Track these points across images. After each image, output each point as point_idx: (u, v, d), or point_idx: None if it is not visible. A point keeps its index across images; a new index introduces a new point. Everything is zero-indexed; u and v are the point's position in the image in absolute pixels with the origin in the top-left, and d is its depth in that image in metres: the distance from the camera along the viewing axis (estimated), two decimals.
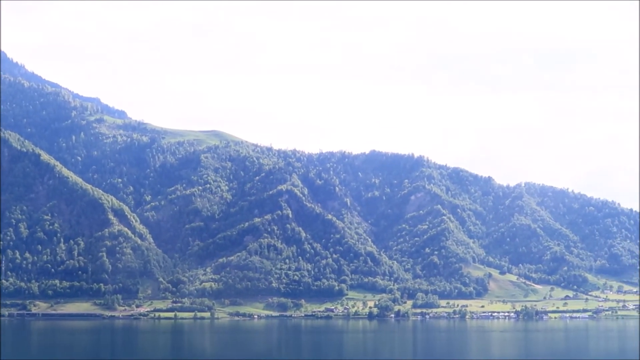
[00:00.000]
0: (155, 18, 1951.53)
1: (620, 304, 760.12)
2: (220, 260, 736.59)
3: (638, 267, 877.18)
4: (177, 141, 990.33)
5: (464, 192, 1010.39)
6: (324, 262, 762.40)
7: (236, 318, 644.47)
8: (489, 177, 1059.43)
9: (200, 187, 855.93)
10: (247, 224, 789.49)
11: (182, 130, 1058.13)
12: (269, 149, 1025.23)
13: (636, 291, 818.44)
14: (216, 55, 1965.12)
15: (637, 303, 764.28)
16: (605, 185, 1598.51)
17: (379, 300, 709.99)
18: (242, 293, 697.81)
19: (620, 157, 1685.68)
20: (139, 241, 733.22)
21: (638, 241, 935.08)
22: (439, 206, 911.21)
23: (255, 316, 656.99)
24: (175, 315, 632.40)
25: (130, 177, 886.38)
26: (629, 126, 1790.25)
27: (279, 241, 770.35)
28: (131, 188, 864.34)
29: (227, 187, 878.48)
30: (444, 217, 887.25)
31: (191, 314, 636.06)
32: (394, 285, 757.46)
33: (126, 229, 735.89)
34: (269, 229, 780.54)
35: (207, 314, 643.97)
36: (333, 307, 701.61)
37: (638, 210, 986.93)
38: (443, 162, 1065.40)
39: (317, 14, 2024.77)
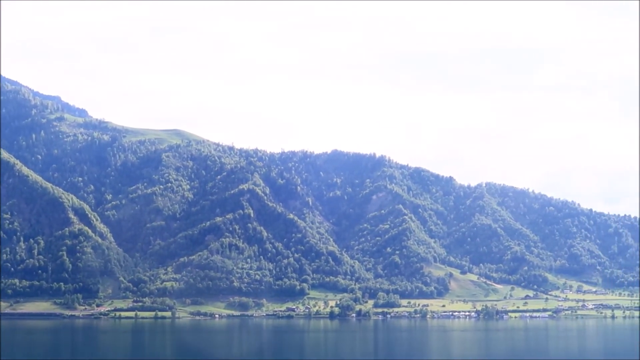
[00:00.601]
0: (117, 16, 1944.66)
1: (580, 304, 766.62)
2: (182, 259, 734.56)
3: (597, 267, 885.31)
4: (138, 140, 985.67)
5: (426, 192, 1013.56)
6: (285, 261, 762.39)
7: (197, 317, 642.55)
8: (450, 177, 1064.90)
9: (161, 186, 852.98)
10: (208, 223, 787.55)
11: (143, 129, 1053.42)
12: (231, 148, 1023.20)
13: (595, 291, 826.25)
14: (178, 54, 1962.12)
15: (597, 303, 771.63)
16: (565, 186, 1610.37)
17: (340, 299, 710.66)
18: (204, 292, 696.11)
19: (580, 158, 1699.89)
20: (100, 240, 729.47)
21: (597, 241, 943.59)
22: (401, 206, 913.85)
23: (217, 316, 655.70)
24: (136, 314, 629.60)
25: (91, 176, 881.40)
26: (589, 127, 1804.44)
27: (241, 240, 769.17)
28: (92, 187, 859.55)
29: (188, 186, 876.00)
30: (405, 216, 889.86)
31: (152, 314, 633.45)
32: (355, 284, 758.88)
33: (87, 228, 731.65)
34: (231, 229, 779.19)
35: (168, 314, 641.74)
36: (294, 307, 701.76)
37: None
38: (405, 162, 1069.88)
39: (279, 13, 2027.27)
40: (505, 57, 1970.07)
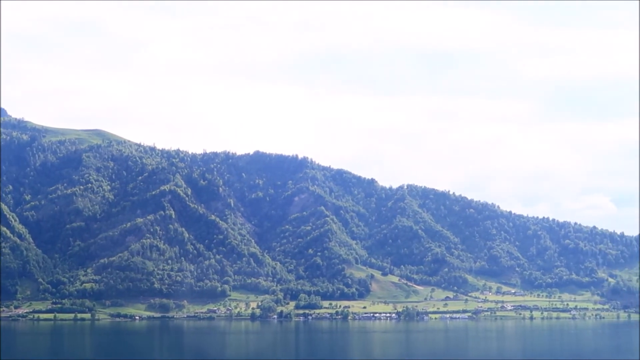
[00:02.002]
0: (35, 15, 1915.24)
1: (499, 305, 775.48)
2: (102, 260, 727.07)
3: (516, 269, 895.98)
4: (58, 140, 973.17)
5: (347, 193, 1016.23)
6: (206, 262, 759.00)
7: (117, 319, 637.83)
8: (372, 178, 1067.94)
9: (81, 187, 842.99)
10: (129, 224, 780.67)
11: (63, 129, 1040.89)
12: (152, 149, 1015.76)
13: (514, 292, 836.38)
14: (98, 53, 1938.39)
15: (515, 304, 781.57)
16: (485, 188, 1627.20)
17: (261, 301, 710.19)
18: (124, 294, 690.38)
19: (500, 161, 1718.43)
20: (18, 241, 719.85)
21: (516, 243, 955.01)
22: (323, 207, 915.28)
23: (137, 317, 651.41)
24: (54, 316, 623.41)
25: (10, 176, 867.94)
26: (507, 130, 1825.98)
27: (162, 242, 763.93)
28: (10, 187, 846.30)
29: (109, 187, 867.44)
30: (327, 218, 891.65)
31: (71, 316, 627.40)
32: (277, 286, 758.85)
33: (5, 229, 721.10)
34: (152, 230, 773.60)
35: (87, 316, 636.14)
36: (215, 308, 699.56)
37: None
38: (327, 164, 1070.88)
39: (200, 12, 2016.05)
40: (426, 59, 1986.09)
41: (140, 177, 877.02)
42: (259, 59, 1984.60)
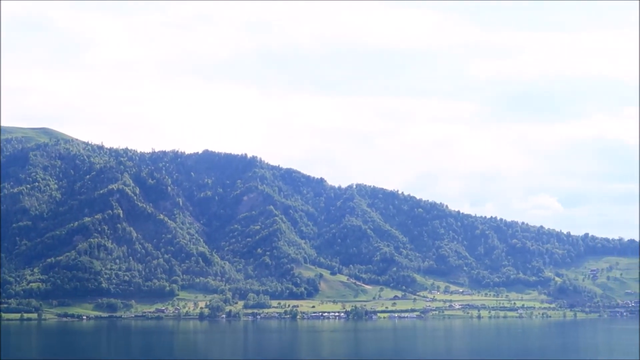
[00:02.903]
0: None
1: (447, 304, 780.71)
2: (49, 260, 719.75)
3: (464, 268, 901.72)
4: (5, 138, 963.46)
5: (297, 193, 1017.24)
6: (155, 262, 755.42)
7: (64, 319, 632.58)
8: (321, 178, 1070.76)
9: (28, 186, 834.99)
10: (76, 223, 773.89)
11: (10, 127, 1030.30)
12: (100, 148, 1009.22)
13: (462, 291, 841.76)
14: (46, 51, 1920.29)
15: (463, 303, 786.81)
16: (434, 188, 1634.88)
17: (210, 300, 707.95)
18: (71, 294, 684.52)
19: (448, 161, 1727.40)
20: None
21: (464, 242, 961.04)
22: (272, 207, 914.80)
23: (84, 317, 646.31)
24: (0, 316, 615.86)
25: None
26: (456, 130, 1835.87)
27: (110, 241, 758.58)
28: None
29: (56, 186, 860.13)
30: (276, 217, 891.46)
31: (17, 315, 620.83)
32: (225, 285, 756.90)
33: None
34: (99, 229, 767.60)
35: (34, 315, 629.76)
36: (164, 308, 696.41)
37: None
38: (276, 163, 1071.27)
39: (149, 11, 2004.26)
40: (376, 59, 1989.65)
41: (88, 176, 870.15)
42: (208, 58, 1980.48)
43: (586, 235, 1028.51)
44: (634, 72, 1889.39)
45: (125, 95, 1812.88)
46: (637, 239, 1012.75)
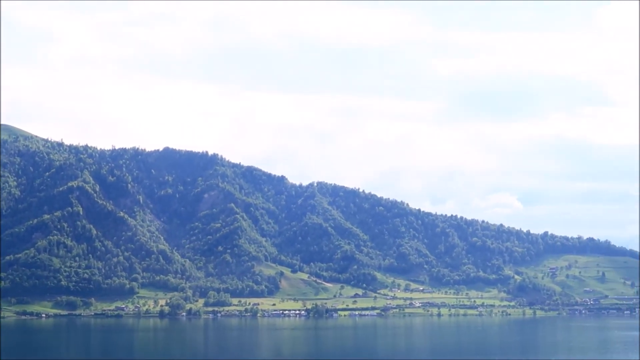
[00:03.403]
0: None
1: (407, 302, 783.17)
2: (7, 257, 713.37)
3: (425, 266, 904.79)
4: None
5: (258, 190, 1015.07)
6: (115, 260, 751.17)
7: (23, 317, 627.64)
8: (282, 176, 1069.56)
9: None
10: (36, 220, 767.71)
11: None
12: (60, 145, 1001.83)
13: (422, 289, 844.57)
14: (4, 47, 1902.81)
15: (424, 301, 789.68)
16: (394, 186, 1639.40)
17: (170, 298, 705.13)
18: (30, 291, 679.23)
19: (409, 159, 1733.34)
20: None
21: (425, 240, 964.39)
22: (233, 204, 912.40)
23: (43, 315, 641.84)
24: None
25: None
26: (416, 128, 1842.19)
27: (69, 239, 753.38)
28: None
29: (15, 183, 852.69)
30: (237, 215, 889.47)
31: None
32: (186, 283, 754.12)
33: None
34: (59, 226, 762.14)
35: None
36: (124, 306, 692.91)
37: None
38: (237, 161, 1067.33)
39: (110, 7, 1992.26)
40: (336, 57, 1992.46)
41: (47, 173, 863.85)
42: (169, 55, 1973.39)
43: (546, 233, 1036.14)
44: (591, 71, 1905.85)
45: (86, 92, 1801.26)
46: (596, 238, 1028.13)
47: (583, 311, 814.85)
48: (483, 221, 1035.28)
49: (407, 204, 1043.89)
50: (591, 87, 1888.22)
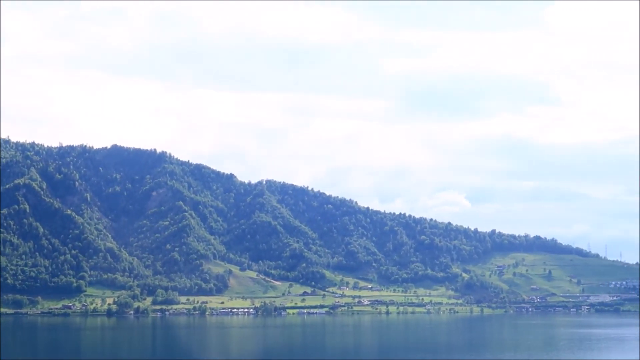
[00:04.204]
0: None
1: (356, 300, 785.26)
2: None
3: (373, 264, 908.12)
4: None
5: (206, 188, 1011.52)
6: (62, 258, 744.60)
7: None
8: (231, 174, 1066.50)
9: None
10: None
11: None
12: (6, 142, 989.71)
13: (371, 287, 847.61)
14: None
15: (372, 299, 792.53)
16: (343, 184, 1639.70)
17: (118, 297, 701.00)
18: None
19: (357, 157, 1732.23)
20: None
21: (374, 239, 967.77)
22: (181, 202, 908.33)
23: None
24: None
25: None
26: (364, 126, 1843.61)
27: (15, 236, 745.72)
28: None
29: None
30: (185, 213, 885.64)
31: None
32: (133, 281, 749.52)
33: None
34: (5, 224, 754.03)
35: None
36: (71, 304, 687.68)
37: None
38: (185, 158, 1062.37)
39: (55, 4, 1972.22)
40: (285, 55, 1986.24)
41: None
42: (117, 52, 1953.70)
43: (493, 231, 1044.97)
44: (539, 71, 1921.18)
45: (32, 89, 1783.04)
46: (543, 236, 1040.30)
47: (530, 309, 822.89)
48: (431, 219, 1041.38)
49: (356, 202, 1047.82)
50: (539, 86, 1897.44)
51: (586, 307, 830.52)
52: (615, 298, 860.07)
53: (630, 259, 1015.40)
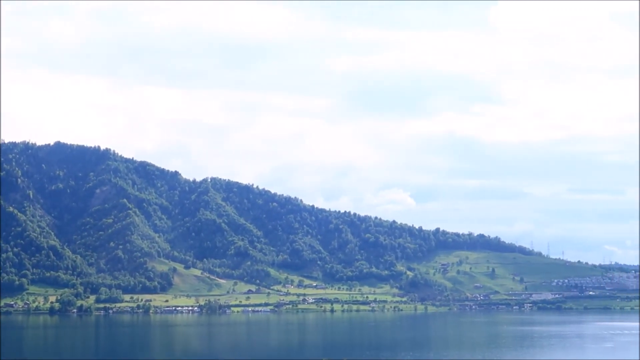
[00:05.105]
0: None
1: (301, 298, 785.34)
2: None
3: (318, 262, 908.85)
4: None
5: (151, 186, 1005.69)
6: (4, 256, 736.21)
7: None
8: (175, 171, 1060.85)
9: None
10: None
11: None
12: None
13: (316, 285, 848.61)
14: None
15: (317, 297, 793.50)
16: (288, 182, 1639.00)
17: (61, 295, 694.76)
18: None
19: (302, 155, 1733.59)
20: None
21: (319, 237, 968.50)
22: (125, 200, 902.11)
23: None
24: None
25: None
26: (309, 124, 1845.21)
27: None
28: None
29: None
30: (129, 211, 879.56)
31: None
32: (77, 279, 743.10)
33: None
34: None
35: None
36: (13, 303, 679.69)
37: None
38: (130, 156, 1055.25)
39: None
40: (230, 52, 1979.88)
41: None
42: (60, 48, 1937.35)
43: (437, 230, 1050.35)
44: (483, 70, 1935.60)
45: None
46: (486, 234, 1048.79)
47: (473, 306, 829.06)
48: (376, 217, 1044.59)
49: (301, 200, 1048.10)
50: (483, 85, 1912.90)
51: (529, 305, 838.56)
52: (557, 296, 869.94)
53: (572, 257, 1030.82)
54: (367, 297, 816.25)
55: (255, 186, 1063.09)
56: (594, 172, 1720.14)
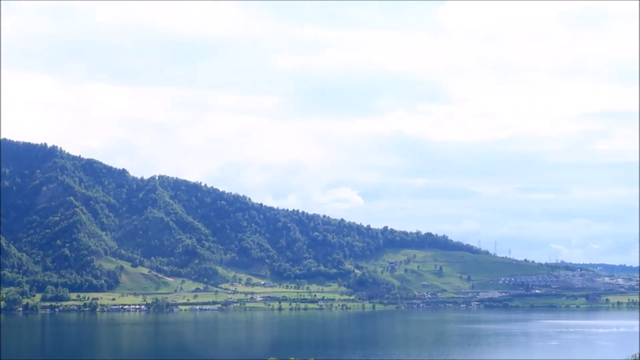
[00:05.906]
0: None
1: (249, 296, 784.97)
2: None
3: (266, 260, 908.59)
4: None
5: (98, 184, 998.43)
6: None
7: None
8: (123, 169, 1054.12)
9: None
10: None
11: None
12: None
13: (264, 283, 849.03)
14: None
15: (265, 295, 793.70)
16: (237, 180, 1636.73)
17: (6, 293, 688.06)
18: None
19: (250, 153, 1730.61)
20: None
21: (267, 235, 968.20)
22: (72, 198, 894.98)
23: None
24: None
25: None
26: (255, 122, 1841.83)
27: None
28: None
29: None
30: (76, 209, 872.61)
31: None
32: (22, 278, 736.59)
33: None
34: None
35: None
36: None
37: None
38: (77, 153, 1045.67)
39: None
40: (178, 50, 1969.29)
41: None
42: (3, 45, 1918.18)
43: (385, 228, 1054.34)
44: (431, 69, 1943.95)
45: None
46: (434, 233, 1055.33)
47: (421, 305, 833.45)
48: (324, 216, 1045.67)
49: (249, 199, 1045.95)
50: (431, 84, 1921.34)
51: (476, 303, 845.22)
52: (503, 294, 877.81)
53: (519, 256, 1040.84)
54: (315, 295, 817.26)
55: (203, 184, 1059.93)
56: (539, 172, 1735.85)
